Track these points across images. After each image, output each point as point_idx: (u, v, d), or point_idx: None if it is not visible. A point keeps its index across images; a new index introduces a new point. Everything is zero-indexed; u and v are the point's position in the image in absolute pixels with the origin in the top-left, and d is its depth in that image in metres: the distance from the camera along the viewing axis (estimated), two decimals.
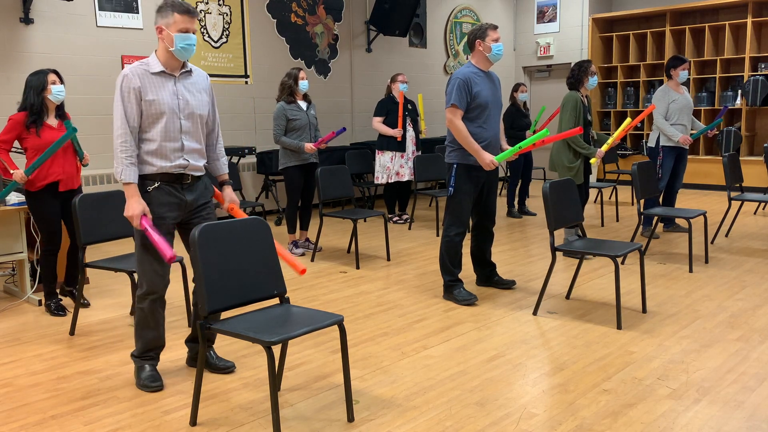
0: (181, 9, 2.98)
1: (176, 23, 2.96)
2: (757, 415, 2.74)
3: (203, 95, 3.16)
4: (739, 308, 4.18)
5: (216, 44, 7.68)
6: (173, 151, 3.04)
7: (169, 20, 2.96)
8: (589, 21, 10.79)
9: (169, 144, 3.02)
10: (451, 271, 4.43)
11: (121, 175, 2.95)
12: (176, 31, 2.96)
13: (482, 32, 4.29)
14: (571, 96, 5.44)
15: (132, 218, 2.95)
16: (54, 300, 4.31)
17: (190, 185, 3.12)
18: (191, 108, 3.08)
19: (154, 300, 3.10)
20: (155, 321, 3.14)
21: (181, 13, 2.97)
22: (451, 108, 4.21)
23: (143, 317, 3.12)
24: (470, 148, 4.21)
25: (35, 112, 4.10)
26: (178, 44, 2.97)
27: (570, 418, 2.75)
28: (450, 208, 4.39)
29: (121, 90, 2.96)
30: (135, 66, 3.00)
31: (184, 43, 2.98)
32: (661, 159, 6.19)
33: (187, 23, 2.98)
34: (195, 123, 3.11)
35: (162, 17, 2.98)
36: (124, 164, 2.95)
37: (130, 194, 2.97)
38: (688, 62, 6.15)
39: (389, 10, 8.82)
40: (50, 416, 2.86)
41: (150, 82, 2.99)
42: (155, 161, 3.01)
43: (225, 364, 3.30)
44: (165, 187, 3.04)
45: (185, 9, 2.99)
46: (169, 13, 2.97)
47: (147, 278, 3.07)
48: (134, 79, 2.95)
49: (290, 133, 5.66)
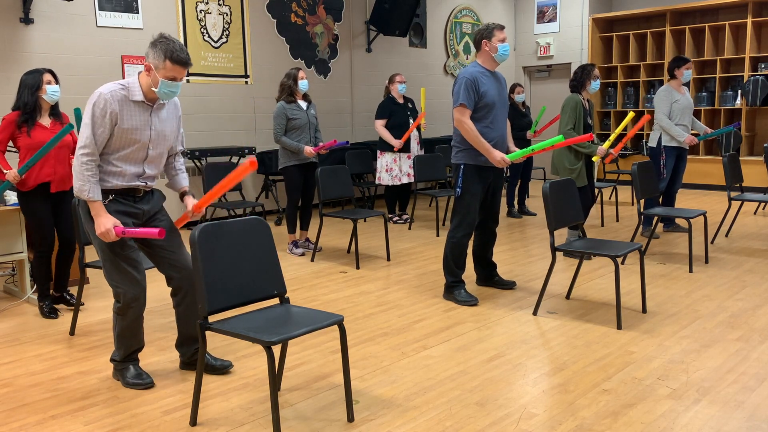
0: (176, 59, 2.91)
1: (166, 70, 2.92)
2: (757, 415, 2.74)
3: (173, 123, 3.18)
4: (739, 308, 4.18)
5: (216, 44, 7.68)
6: (132, 175, 3.06)
7: (160, 64, 2.91)
8: (589, 21, 10.79)
9: (130, 169, 3.04)
10: (455, 272, 4.43)
11: (89, 194, 2.91)
12: (164, 77, 2.93)
13: (489, 32, 4.29)
14: (571, 98, 5.44)
15: (107, 234, 2.91)
16: (47, 302, 4.29)
17: (142, 197, 3.14)
18: (161, 139, 3.10)
19: (136, 308, 3.08)
20: (137, 326, 3.13)
21: (174, 63, 2.92)
22: (459, 108, 4.20)
23: (126, 327, 3.10)
24: (481, 147, 4.20)
25: (28, 112, 4.07)
26: (162, 89, 2.95)
27: (570, 418, 2.75)
28: (457, 210, 4.38)
29: (94, 109, 2.90)
30: (115, 89, 2.94)
31: (169, 90, 2.96)
32: (665, 159, 6.18)
33: (177, 73, 2.94)
34: (160, 152, 3.13)
35: (154, 56, 2.92)
36: (90, 182, 2.91)
37: (97, 212, 2.93)
38: (691, 62, 6.15)
39: (389, 10, 8.82)
40: (50, 416, 2.86)
41: (128, 110, 2.96)
42: (112, 180, 3.01)
43: (222, 364, 3.30)
44: (119, 198, 3.05)
45: (180, 60, 2.92)
46: (161, 57, 2.91)
47: (125, 288, 3.03)
48: (113, 104, 2.91)
49: (290, 132, 5.65)
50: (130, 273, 3.04)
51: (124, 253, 3.03)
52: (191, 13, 7.42)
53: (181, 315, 3.24)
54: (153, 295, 4.66)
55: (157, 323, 4.07)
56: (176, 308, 3.25)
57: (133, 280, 3.04)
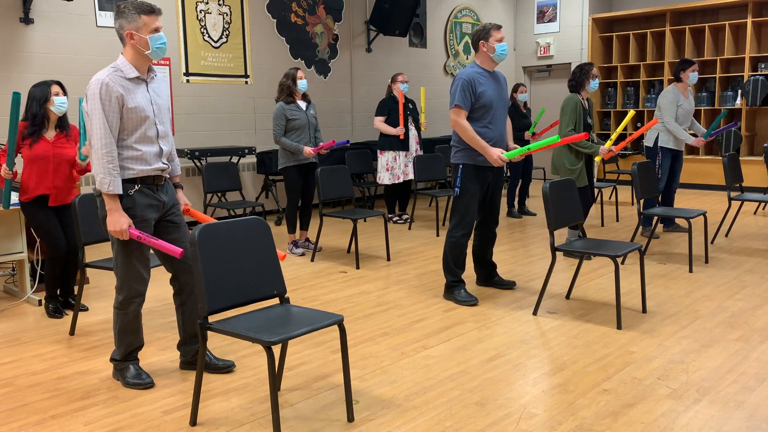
0: (147, 9, 2.94)
1: (146, 25, 2.93)
2: (757, 415, 2.74)
3: (166, 95, 3.19)
4: (739, 308, 4.18)
5: (216, 44, 7.68)
6: (153, 156, 3.05)
7: (138, 23, 2.93)
8: (589, 21, 10.79)
9: (150, 149, 3.04)
10: (455, 272, 4.43)
11: (109, 186, 2.90)
12: (148, 33, 2.94)
13: (486, 32, 4.29)
14: (571, 98, 5.44)
15: (121, 232, 2.91)
16: (53, 303, 4.30)
17: (163, 186, 3.14)
18: (163, 112, 3.11)
19: (138, 303, 3.10)
20: (137, 323, 3.14)
21: (148, 13, 2.93)
22: (455, 109, 4.21)
23: (127, 322, 3.10)
24: (477, 146, 4.20)
25: (36, 124, 4.09)
26: (153, 45, 2.96)
27: (570, 418, 2.75)
28: (456, 209, 4.38)
29: (101, 98, 2.89)
30: (110, 72, 2.94)
31: (159, 43, 2.97)
32: (660, 159, 6.19)
33: (156, 22, 2.96)
34: (167, 126, 3.14)
35: (128, 21, 2.93)
36: (112, 175, 2.90)
37: (113, 207, 2.92)
38: (697, 64, 6.14)
39: (389, 10, 8.82)
40: (50, 416, 2.86)
41: (129, 89, 2.96)
42: (135, 166, 3.00)
43: (225, 363, 3.30)
44: (144, 189, 3.04)
45: (150, 8, 2.95)
46: (135, 16, 2.92)
47: (131, 283, 3.04)
48: (115, 87, 2.91)
49: (290, 133, 5.65)
50: (140, 271, 3.06)
51: (137, 250, 3.04)
52: (191, 13, 7.42)
53: (187, 313, 3.24)
54: (153, 295, 4.66)
55: (157, 323, 4.07)
56: (181, 307, 3.25)
57: (139, 278, 3.06)
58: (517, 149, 4.26)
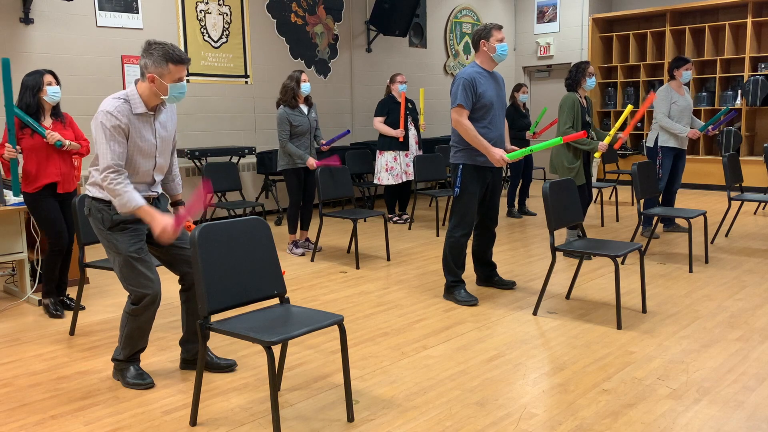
0: (176, 59, 2.90)
1: (171, 74, 2.91)
2: (757, 415, 2.74)
3: (172, 124, 3.18)
4: (739, 308, 4.18)
5: (216, 44, 7.68)
6: (144, 186, 3.07)
7: (164, 70, 2.90)
8: (589, 21, 10.79)
9: (141, 179, 3.05)
10: (455, 272, 4.43)
11: (130, 203, 2.88)
12: (171, 81, 2.93)
13: (486, 32, 4.29)
14: (568, 97, 5.44)
15: (167, 230, 2.88)
16: (52, 299, 4.31)
17: (153, 204, 3.13)
18: (165, 145, 3.12)
19: (153, 309, 3.08)
20: (148, 328, 3.14)
21: (176, 63, 2.90)
22: (457, 108, 4.21)
23: (136, 328, 3.09)
24: (480, 146, 4.20)
25: (31, 113, 4.10)
26: (172, 93, 2.95)
27: (570, 418, 2.75)
28: (456, 209, 4.38)
29: (105, 128, 2.88)
30: (118, 104, 2.92)
31: (178, 93, 2.96)
32: (661, 159, 6.19)
33: (181, 73, 2.94)
34: (165, 158, 3.14)
35: (155, 65, 2.89)
36: (127, 193, 2.89)
37: (151, 215, 2.91)
38: (691, 62, 6.15)
39: (389, 10, 8.82)
40: (50, 416, 2.86)
41: (134, 123, 2.96)
42: None
43: (227, 362, 3.30)
44: None
45: (180, 59, 2.91)
46: (163, 63, 2.89)
47: (146, 288, 3.02)
48: (122, 119, 2.90)
49: (293, 138, 5.69)
50: (148, 275, 3.04)
51: (140, 256, 3.03)
52: (191, 13, 7.42)
53: (191, 310, 3.24)
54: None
55: (157, 323, 4.07)
56: (185, 303, 3.24)
57: (151, 281, 3.05)
58: (519, 150, 4.26)
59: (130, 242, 3.01)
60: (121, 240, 3.01)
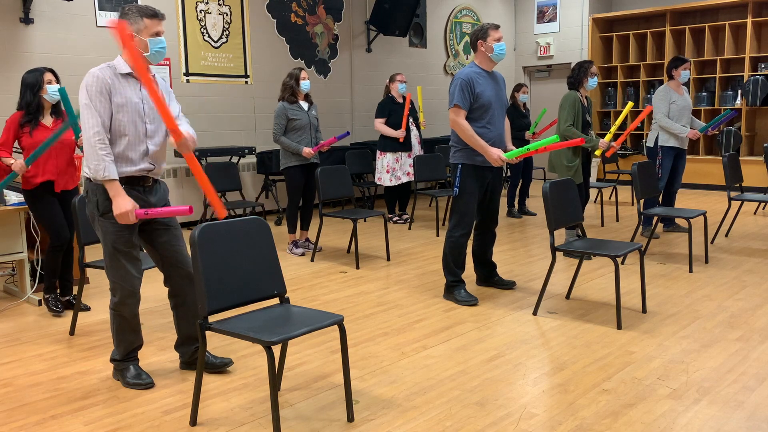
0: (150, 13, 2.99)
1: (147, 28, 2.99)
2: (757, 415, 2.74)
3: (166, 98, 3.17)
4: (739, 308, 4.18)
5: (216, 44, 7.67)
6: (139, 154, 3.04)
7: (140, 26, 2.98)
8: (589, 21, 10.79)
9: (135, 147, 3.03)
10: (455, 272, 4.43)
11: (104, 173, 2.90)
12: (148, 36, 2.99)
13: (484, 32, 4.29)
14: (569, 95, 5.44)
15: (126, 215, 2.90)
16: (53, 295, 4.31)
17: (151, 188, 3.13)
18: (154, 111, 3.09)
19: (131, 305, 3.09)
20: (136, 322, 3.14)
21: (150, 17, 2.99)
22: (454, 108, 4.21)
23: (123, 322, 3.10)
24: (477, 146, 4.20)
25: (31, 112, 4.10)
26: (153, 48, 3.00)
27: (570, 418, 2.75)
28: (455, 209, 4.38)
29: (89, 89, 2.91)
30: (103, 67, 2.97)
31: (158, 47, 3.02)
32: (661, 159, 6.19)
33: (157, 27, 3.01)
34: (159, 126, 3.12)
35: (131, 23, 2.98)
36: (105, 161, 2.90)
37: (115, 192, 2.92)
38: (689, 62, 6.15)
39: (389, 10, 8.82)
40: (50, 416, 2.86)
41: (119, 83, 2.98)
42: (120, 167, 2.99)
43: (222, 361, 3.30)
44: (129, 189, 3.02)
45: (153, 13, 3.01)
46: (138, 19, 2.98)
47: (124, 283, 3.04)
48: (105, 79, 2.93)
49: (290, 133, 5.65)
50: (130, 270, 3.05)
51: (126, 249, 3.03)
52: (191, 13, 7.42)
53: (182, 315, 3.24)
54: (153, 295, 4.66)
55: (157, 323, 4.07)
56: (175, 309, 3.25)
57: (132, 277, 3.05)
58: (517, 150, 4.25)
59: (118, 234, 3.00)
60: (110, 230, 3.01)
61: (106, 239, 3.02)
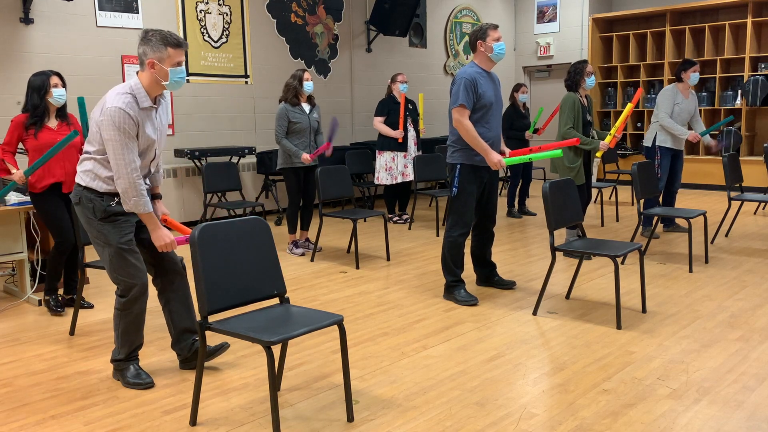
0: (174, 43, 2.95)
1: (170, 58, 2.95)
2: (757, 415, 2.74)
3: (167, 116, 3.21)
4: (739, 308, 4.18)
5: (216, 44, 7.68)
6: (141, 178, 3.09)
7: (163, 55, 2.93)
8: (589, 21, 10.79)
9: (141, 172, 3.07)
10: (454, 272, 4.43)
11: (145, 207, 2.98)
12: (171, 66, 2.96)
13: (483, 33, 4.29)
14: (569, 96, 5.44)
15: (171, 245, 3.05)
16: (54, 297, 4.32)
17: None
18: (163, 137, 3.17)
19: (142, 301, 3.11)
20: (141, 321, 3.16)
21: (174, 47, 2.95)
22: (458, 108, 4.20)
23: (131, 321, 3.11)
24: (479, 148, 4.20)
25: (37, 115, 4.12)
26: (173, 78, 2.98)
27: (570, 418, 2.75)
28: (453, 209, 4.39)
29: (118, 126, 2.89)
30: (128, 99, 2.93)
31: (179, 77, 3.00)
32: (659, 159, 6.19)
33: (180, 57, 2.98)
34: (161, 147, 3.19)
35: (153, 51, 2.93)
36: (144, 196, 2.98)
37: (154, 225, 3.04)
38: (698, 65, 6.14)
39: (389, 10, 8.82)
40: (50, 416, 2.86)
41: (142, 118, 2.99)
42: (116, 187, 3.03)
43: (216, 346, 3.32)
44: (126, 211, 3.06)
45: (177, 42, 2.96)
46: (161, 47, 2.93)
47: (135, 279, 3.06)
48: (134, 116, 2.93)
49: (291, 135, 5.66)
50: (137, 265, 3.08)
51: (130, 247, 3.07)
52: (191, 13, 7.42)
53: (174, 310, 3.27)
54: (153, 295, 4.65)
55: (157, 323, 4.08)
56: (167, 305, 3.28)
57: (140, 271, 3.08)
58: (517, 157, 4.28)
59: (122, 233, 3.04)
60: (112, 231, 3.03)
61: (110, 241, 3.03)
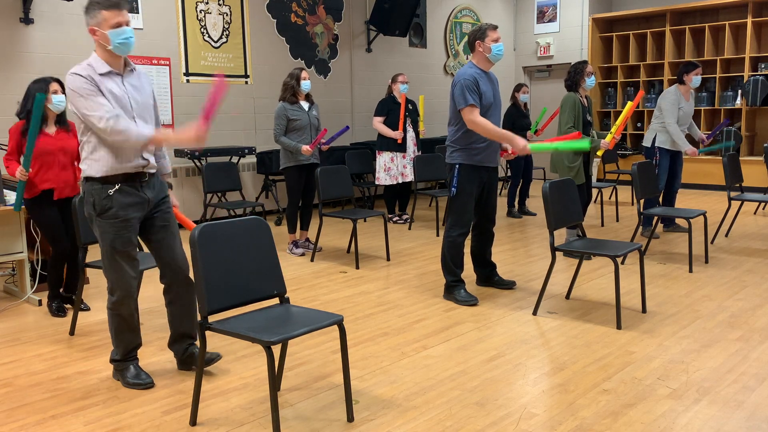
0: (108, 4, 2.90)
1: (107, 20, 2.89)
2: (757, 415, 2.74)
3: (148, 92, 3.14)
4: (739, 308, 4.18)
5: (216, 44, 7.67)
6: (132, 150, 2.99)
7: (99, 19, 2.89)
8: (589, 21, 10.79)
9: None
10: (454, 272, 4.43)
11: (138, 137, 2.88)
12: (109, 28, 2.90)
13: (481, 33, 4.29)
14: (569, 97, 5.44)
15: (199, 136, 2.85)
16: (56, 301, 4.32)
17: (148, 182, 3.09)
18: (142, 108, 3.06)
19: (128, 305, 3.08)
20: (133, 322, 3.14)
21: (108, 8, 2.89)
22: (468, 108, 4.17)
23: (122, 322, 3.10)
24: (502, 138, 4.21)
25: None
26: (114, 41, 2.91)
27: (570, 418, 2.75)
28: (452, 209, 4.39)
29: (78, 89, 2.86)
30: (82, 66, 2.92)
31: (121, 38, 2.91)
32: (658, 159, 6.19)
33: (117, 17, 2.90)
34: (147, 121, 3.08)
35: (91, 17, 2.91)
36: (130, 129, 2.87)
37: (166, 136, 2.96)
38: (700, 67, 6.14)
39: (389, 10, 8.82)
40: (50, 416, 2.86)
41: (103, 81, 2.93)
42: (114, 163, 2.96)
43: (210, 356, 3.26)
44: (126, 187, 3.00)
45: (111, 3, 2.90)
46: (96, 11, 2.89)
47: (122, 283, 3.04)
48: (87, 76, 2.88)
49: (290, 133, 5.66)
50: (128, 271, 3.05)
51: (123, 249, 3.03)
52: (191, 13, 7.42)
53: (175, 313, 3.25)
54: (153, 295, 4.66)
55: (157, 323, 4.07)
56: (168, 306, 3.26)
57: (129, 277, 3.05)
58: (542, 144, 4.28)
59: (117, 234, 3.00)
60: (107, 230, 3.00)
61: (104, 239, 3.02)
